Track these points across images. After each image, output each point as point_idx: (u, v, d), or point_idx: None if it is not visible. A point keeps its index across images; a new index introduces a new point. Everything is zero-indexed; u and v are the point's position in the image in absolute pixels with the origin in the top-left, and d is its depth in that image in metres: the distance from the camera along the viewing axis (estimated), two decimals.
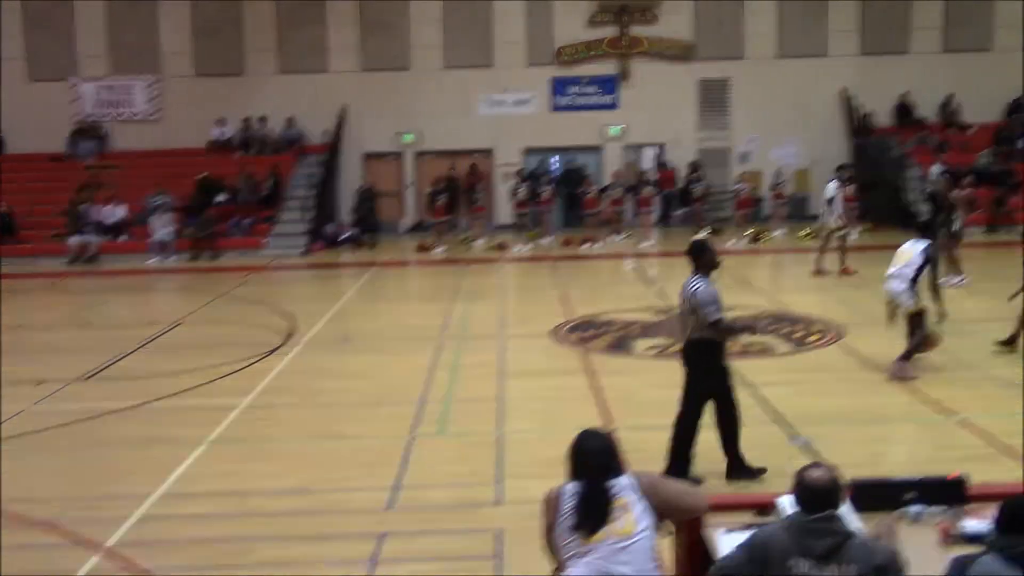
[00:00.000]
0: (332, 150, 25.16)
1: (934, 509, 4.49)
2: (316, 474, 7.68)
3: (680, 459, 7.25)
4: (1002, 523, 3.73)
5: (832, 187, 17.19)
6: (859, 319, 12.89)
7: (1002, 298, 11.37)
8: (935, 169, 22.12)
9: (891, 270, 9.98)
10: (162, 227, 21.78)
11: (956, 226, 15.37)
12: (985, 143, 24.05)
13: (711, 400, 7.33)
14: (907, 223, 22.03)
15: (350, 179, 25.26)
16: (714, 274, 7.38)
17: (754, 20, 25.47)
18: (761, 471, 7.14)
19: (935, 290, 10.47)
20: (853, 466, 6.82)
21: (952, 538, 4.24)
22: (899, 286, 9.85)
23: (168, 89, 25.71)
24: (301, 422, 9.20)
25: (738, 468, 7.25)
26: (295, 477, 7.62)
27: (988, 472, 6.91)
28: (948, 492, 4.60)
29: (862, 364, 10.56)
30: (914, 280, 9.78)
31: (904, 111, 25.46)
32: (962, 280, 14.83)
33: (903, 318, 10.10)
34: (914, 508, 4.48)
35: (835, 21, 25.52)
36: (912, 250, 9.93)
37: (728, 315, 7.34)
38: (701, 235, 11.15)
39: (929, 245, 9.99)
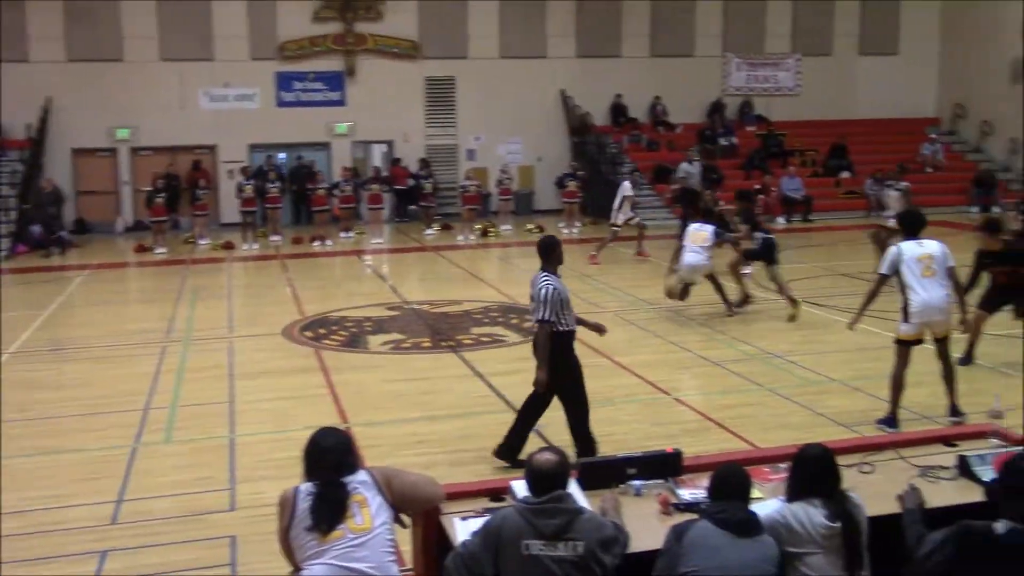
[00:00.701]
0: (36, 146, 23.33)
1: (654, 482, 4.77)
2: (29, 493, 7.09)
3: (518, 439, 7.37)
4: (713, 491, 4.03)
5: (627, 186, 18.53)
6: (584, 308, 13.49)
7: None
8: (686, 167, 23.40)
9: (693, 247, 12.43)
10: None
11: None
12: (690, 142, 25.88)
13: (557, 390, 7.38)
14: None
15: (59, 176, 23.53)
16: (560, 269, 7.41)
17: (476, 21, 26.04)
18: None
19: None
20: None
21: (671, 508, 4.52)
22: (698, 258, 12.36)
23: None
24: (9, 438, 8.46)
25: (511, 454, 7.37)
26: (5, 497, 7.01)
27: (701, 444, 7.48)
28: (666, 465, 4.90)
29: (589, 350, 11.05)
30: (709, 253, 12.47)
31: (618, 111, 26.93)
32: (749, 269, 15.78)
33: (704, 280, 12.68)
34: (636, 483, 4.74)
35: (552, 25, 26.55)
36: (705, 231, 12.59)
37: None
38: (546, 232, 11.85)
39: (716, 227, 12.73)
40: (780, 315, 12.67)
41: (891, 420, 8.08)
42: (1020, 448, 4.95)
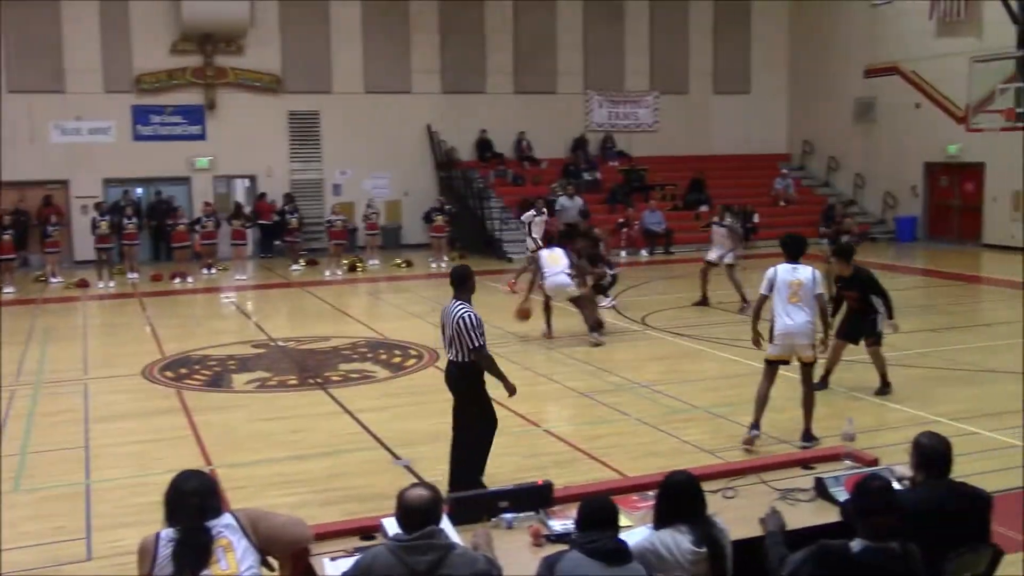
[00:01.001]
0: None
1: (525, 514, 4.79)
2: None
3: (475, 483, 7.10)
4: (581, 522, 4.07)
5: (530, 215, 18.40)
6: None
7: (576, 317, 12.52)
8: (564, 201, 23.39)
9: (555, 269, 13.12)
10: None
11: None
12: (555, 177, 26.30)
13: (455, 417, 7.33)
14: (491, 250, 23.64)
15: None
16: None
17: (340, 56, 25.92)
18: None
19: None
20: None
21: (542, 539, 4.55)
22: (566, 279, 13.10)
23: None
24: None
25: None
26: None
27: (572, 475, 7.56)
28: (537, 497, 4.94)
29: None
30: (571, 274, 13.19)
31: (483, 146, 27.17)
32: (612, 301, 15.93)
33: (569, 301, 13.50)
34: (507, 516, 4.75)
35: (417, 61, 26.65)
36: (557, 252, 13.41)
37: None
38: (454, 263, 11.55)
39: (568, 250, 13.55)
40: (644, 346, 12.99)
41: (754, 425, 8.47)
42: (871, 469, 5.19)
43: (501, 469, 7.79)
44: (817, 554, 3.91)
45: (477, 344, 7.04)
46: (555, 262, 13.21)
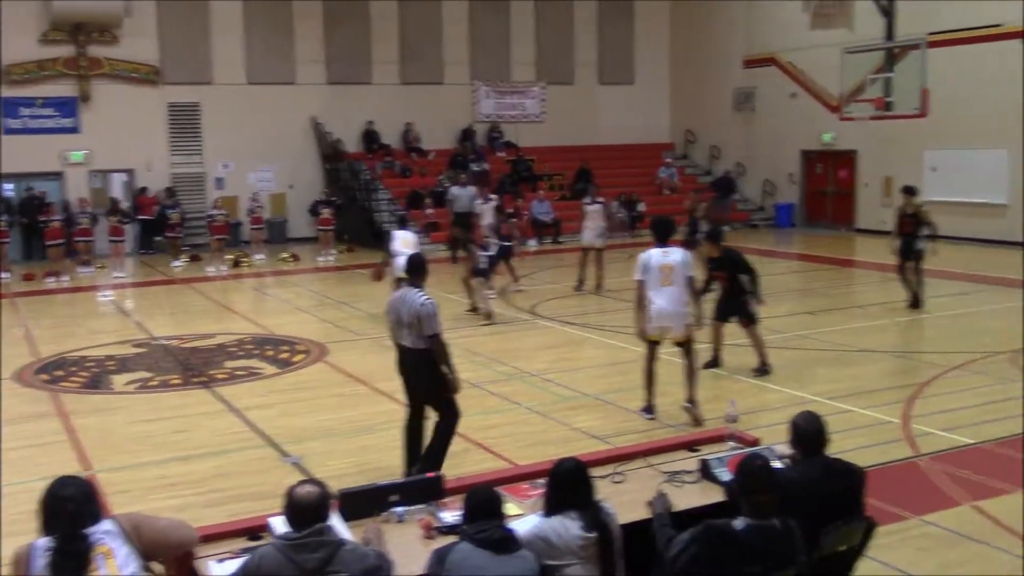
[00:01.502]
0: None
1: (416, 507, 4.78)
2: None
3: (436, 463, 7.21)
4: (467, 512, 4.08)
5: (479, 203, 18.47)
6: (340, 336, 13.38)
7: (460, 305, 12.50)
8: (457, 190, 22.86)
9: (405, 251, 12.70)
10: None
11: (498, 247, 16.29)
12: (442, 168, 26.24)
13: (430, 407, 7.38)
14: (379, 242, 23.40)
15: None
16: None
17: (220, 46, 25.30)
18: None
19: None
20: (343, 477, 7.10)
21: (433, 532, 4.54)
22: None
23: None
24: None
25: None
26: None
27: (463, 466, 7.57)
28: (428, 490, 4.92)
29: (346, 379, 10.96)
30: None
31: (370, 138, 26.92)
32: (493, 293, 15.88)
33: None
34: (398, 509, 4.73)
35: (301, 52, 26.20)
36: (409, 236, 13.90)
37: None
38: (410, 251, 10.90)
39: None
40: (534, 335, 13.08)
41: (648, 408, 8.88)
42: (753, 449, 5.34)
43: (393, 462, 7.75)
44: (703, 533, 4.01)
45: (437, 331, 7.13)
46: (406, 244, 13.41)
